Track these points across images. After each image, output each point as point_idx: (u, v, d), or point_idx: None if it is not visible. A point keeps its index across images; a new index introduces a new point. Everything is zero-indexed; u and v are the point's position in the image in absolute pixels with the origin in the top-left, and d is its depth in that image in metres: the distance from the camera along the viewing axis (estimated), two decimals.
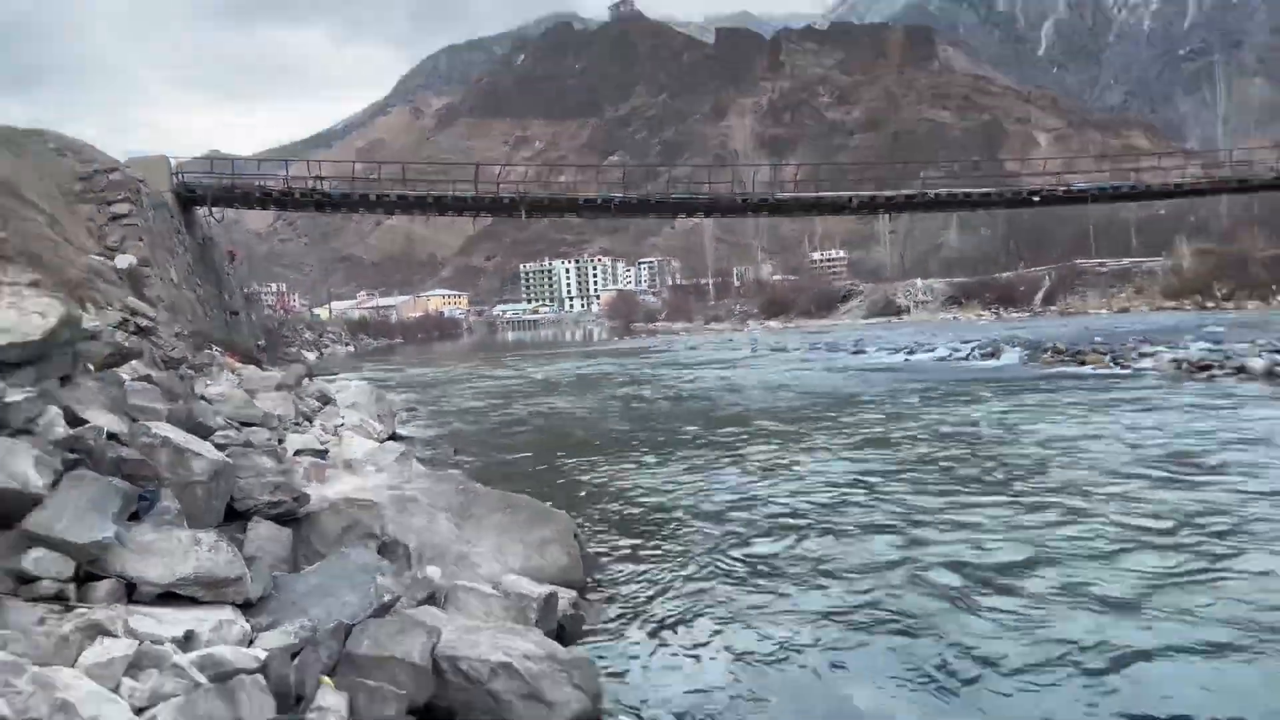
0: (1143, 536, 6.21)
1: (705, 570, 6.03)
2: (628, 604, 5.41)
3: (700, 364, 32.69)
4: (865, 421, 13.60)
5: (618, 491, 9.10)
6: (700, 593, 5.56)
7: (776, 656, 4.52)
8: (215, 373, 10.40)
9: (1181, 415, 12.06)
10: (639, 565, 6.24)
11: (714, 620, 5.06)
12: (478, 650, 3.63)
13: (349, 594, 3.70)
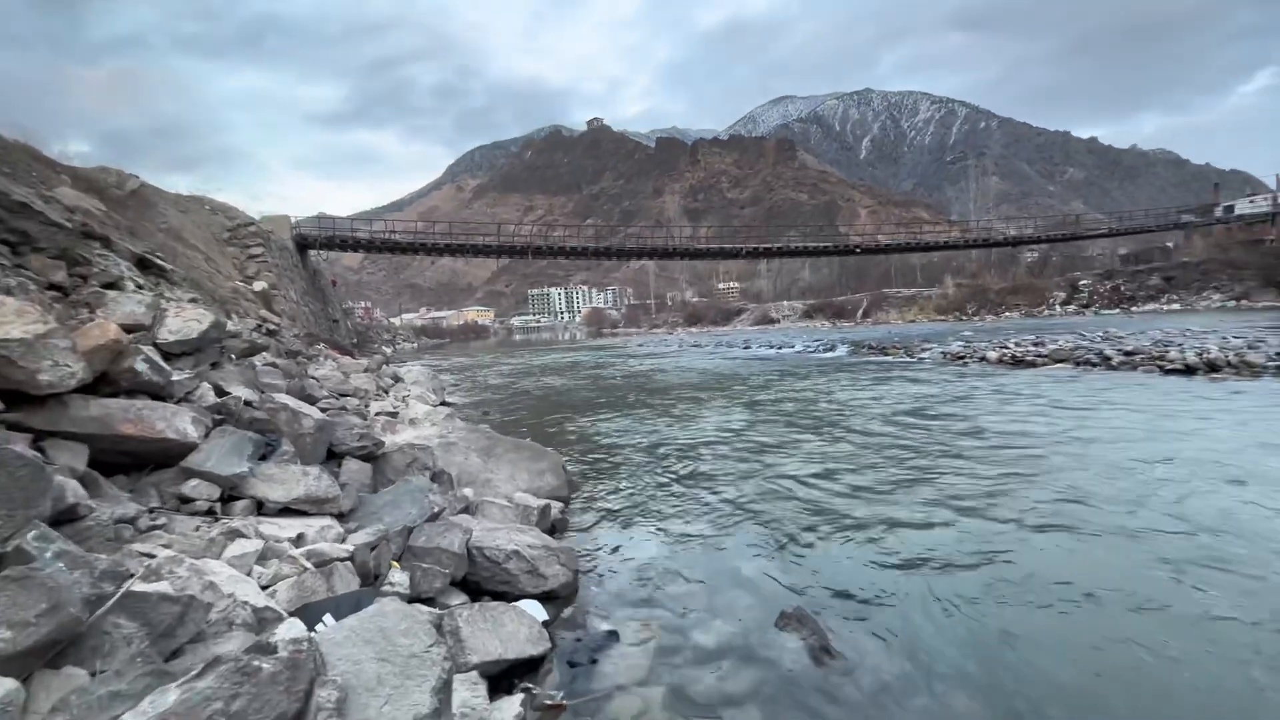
0: (895, 450, 6.43)
1: (647, 486, 6.03)
2: (598, 510, 5.37)
3: (646, 355, 32.62)
4: (746, 389, 13.74)
5: (590, 436, 9.05)
6: (645, 500, 5.56)
7: (692, 538, 4.56)
8: (321, 361, 10.05)
9: (941, 385, 12.42)
10: (605, 484, 6.20)
11: (654, 517, 5.06)
12: (496, 542, 3.57)
13: (411, 506, 3.61)
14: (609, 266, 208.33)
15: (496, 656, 2.68)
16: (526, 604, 3.28)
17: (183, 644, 1.78)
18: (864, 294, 71.99)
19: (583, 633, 3.20)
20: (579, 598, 3.64)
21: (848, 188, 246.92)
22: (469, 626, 2.71)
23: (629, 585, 3.83)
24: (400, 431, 6.05)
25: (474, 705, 2.13)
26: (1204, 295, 39.75)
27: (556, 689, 2.73)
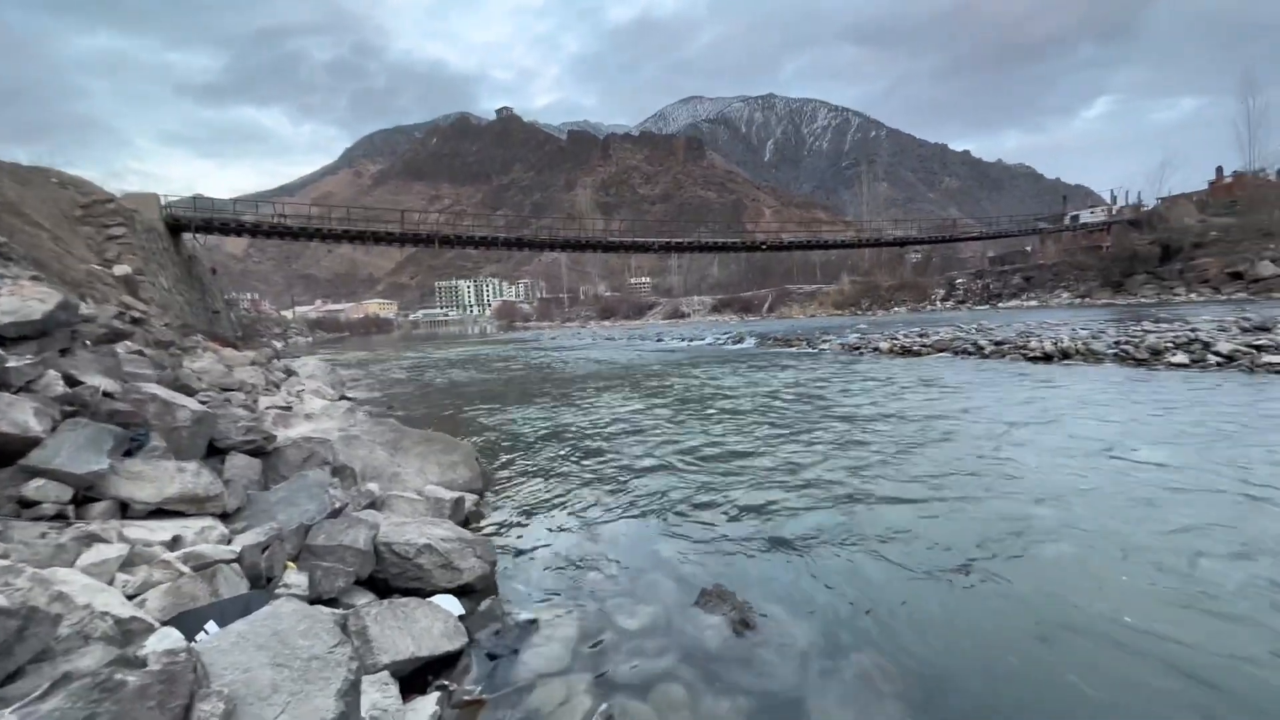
0: (803, 434, 6.76)
1: (564, 475, 5.92)
2: (514, 501, 5.20)
3: (559, 349, 32.23)
4: (660, 380, 13.89)
5: (504, 428, 8.78)
6: (561, 490, 5.45)
7: (611, 525, 4.52)
8: (199, 353, 9.05)
9: (841, 373, 13.17)
10: (521, 475, 6.03)
11: (571, 506, 4.97)
12: (406, 536, 3.35)
13: (308, 503, 3.31)
14: (520, 259, 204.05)
15: (409, 655, 2.51)
16: (441, 599, 3.10)
17: (24, 664, 1.50)
18: (769, 290, 75.12)
19: (501, 625, 3.07)
20: (497, 590, 3.50)
21: (753, 188, 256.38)
22: (377, 625, 2.51)
23: (548, 574, 3.73)
24: (295, 425, 5.54)
25: (385, 706, 1.96)
26: (1055, 293, 44.93)
27: (475, 684, 2.60)
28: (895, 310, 52.48)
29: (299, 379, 11.07)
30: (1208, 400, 7.94)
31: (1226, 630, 2.76)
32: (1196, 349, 11.36)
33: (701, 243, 35.77)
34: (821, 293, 67.02)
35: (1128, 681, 2.43)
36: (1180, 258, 39.33)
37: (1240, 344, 11.08)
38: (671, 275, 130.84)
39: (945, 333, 18.52)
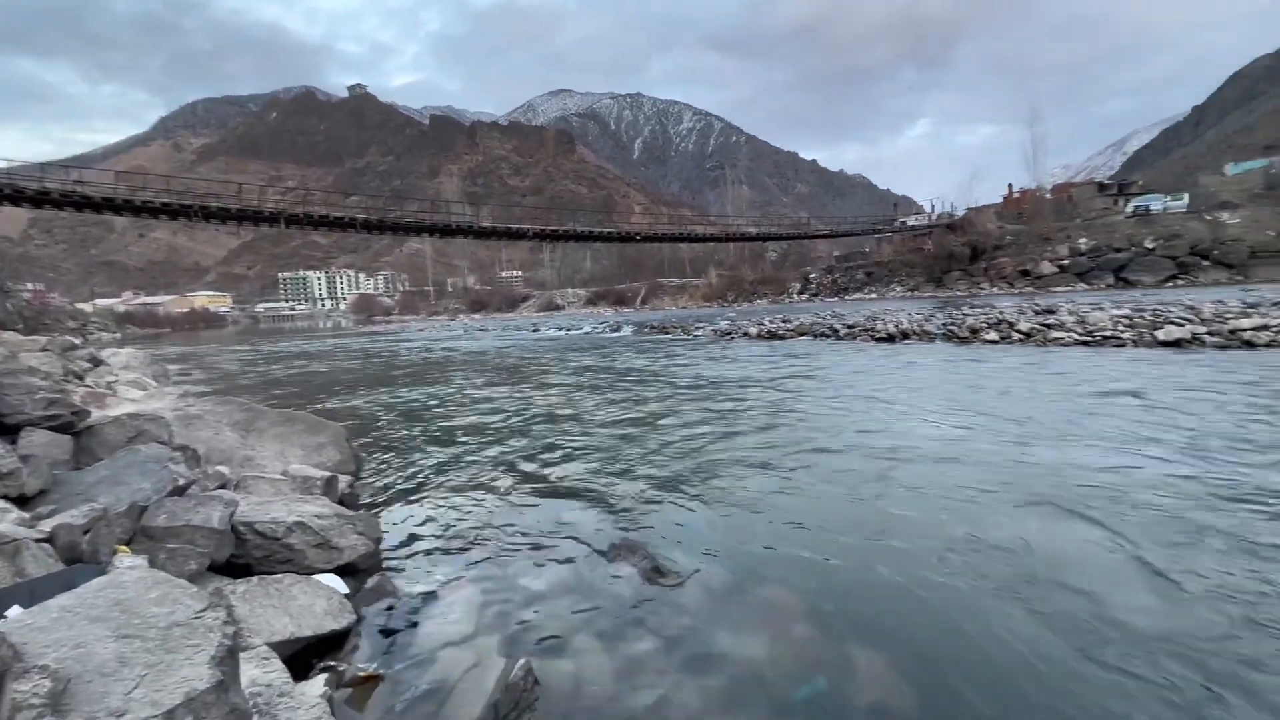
0: (684, 407, 6.99)
1: (444, 455, 5.56)
2: (396, 481, 4.78)
3: (428, 340, 30.43)
4: (539, 366, 13.62)
5: (375, 413, 8.07)
6: (447, 467, 5.11)
7: (503, 496, 4.33)
8: None
9: (716, 355, 13.79)
10: (399, 456, 5.57)
11: (459, 482, 4.68)
12: (272, 515, 2.93)
13: (142, 481, 2.76)
14: (379, 249, 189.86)
15: (288, 635, 2.17)
16: (324, 577, 2.73)
17: None
18: (642, 283, 76.67)
19: (394, 599, 2.77)
20: (386, 566, 3.16)
21: (623, 184, 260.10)
22: (246, 604, 2.14)
23: (442, 547, 3.45)
24: (114, 406, 4.64)
25: (268, 682, 1.66)
26: (891, 286, 50.69)
27: (369, 661, 2.31)
28: (758, 301, 56.01)
29: (109, 369, 9.31)
30: (1012, 366, 9.35)
31: (973, 517, 3.22)
32: (1004, 328, 13.32)
33: (577, 231, 35.34)
34: (691, 285, 69.70)
35: (953, 569, 2.74)
36: (985, 257, 46.02)
37: (1035, 324, 13.17)
38: (544, 269, 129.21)
39: (805, 319, 20.06)
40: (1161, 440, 4.82)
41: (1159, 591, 2.59)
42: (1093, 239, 41.89)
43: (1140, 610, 2.44)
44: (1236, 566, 2.74)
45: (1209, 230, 38.73)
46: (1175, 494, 3.66)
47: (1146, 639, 2.24)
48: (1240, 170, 59.59)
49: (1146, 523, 3.27)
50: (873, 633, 2.41)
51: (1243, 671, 2.05)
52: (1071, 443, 4.90)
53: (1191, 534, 3.11)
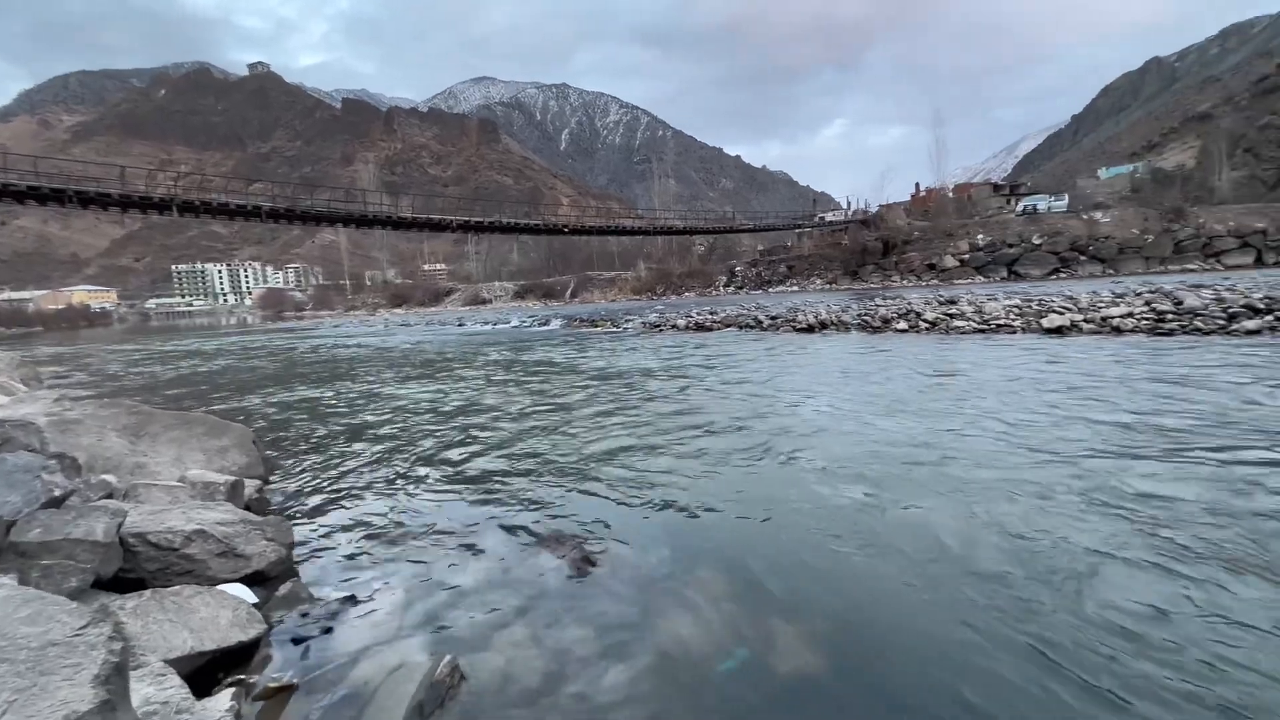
0: (613, 400, 7.06)
1: (361, 455, 5.33)
2: (309, 484, 4.53)
3: (345, 336, 28.94)
4: (462, 360, 13.26)
5: (287, 414, 7.60)
6: (360, 469, 4.90)
7: (422, 495, 4.20)
8: None
9: (646, 347, 13.92)
10: (313, 458, 5.28)
11: (373, 483, 4.50)
12: (168, 524, 2.71)
13: (8, 494, 2.48)
14: (288, 240, 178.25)
15: (189, 650, 2.02)
16: (230, 587, 2.56)
17: None
18: (571, 276, 76.07)
19: (309, 605, 2.64)
20: (300, 572, 3.00)
21: (550, 176, 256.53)
22: (139, 620, 1.98)
23: (361, 548, 3.32)
24: None
25: (165, 699, 1.55)
26: (811, 279, 52.87)
27: (281, 671, 2.20)
28: (686, 294, 56.90)
29: None
30: (918, 353, 10.01)
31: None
32: (912, 318, 14.20)
33: (504, 223, 34.27)
34: (621, 279, 69.85)
35: (853, 539, 2.94)
36: (896, 252, 48.82)
37: (940, 314, 14.12)
38: (469, 262, 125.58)
39: (731, 311, 20.58)
40: (1001, 413, 5.31)
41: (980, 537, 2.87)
42: (989, 235, 45.34)
43: (987, 557, 2.70)
44: (1044, 515, 3.08)
45: (1085, 228, 42.82)
46: (997, 457, 4.05)
47: (993, 582, 2.48)
48: (1110, 175, 66.22)
49: (986, 484, 3.60)
50: (790, 603, 2.54)
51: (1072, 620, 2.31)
52: (940, 417, 5.32)
53: (1016, 492, 3.46)
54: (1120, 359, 8.08)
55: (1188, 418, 4.92)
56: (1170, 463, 3.90)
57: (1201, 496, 3.33)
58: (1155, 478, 3.66)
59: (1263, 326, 9.41)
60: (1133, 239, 40.78)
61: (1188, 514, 3.13)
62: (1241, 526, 2.95)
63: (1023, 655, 2.11)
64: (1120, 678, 1.96)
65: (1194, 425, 4.69)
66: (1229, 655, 2.04)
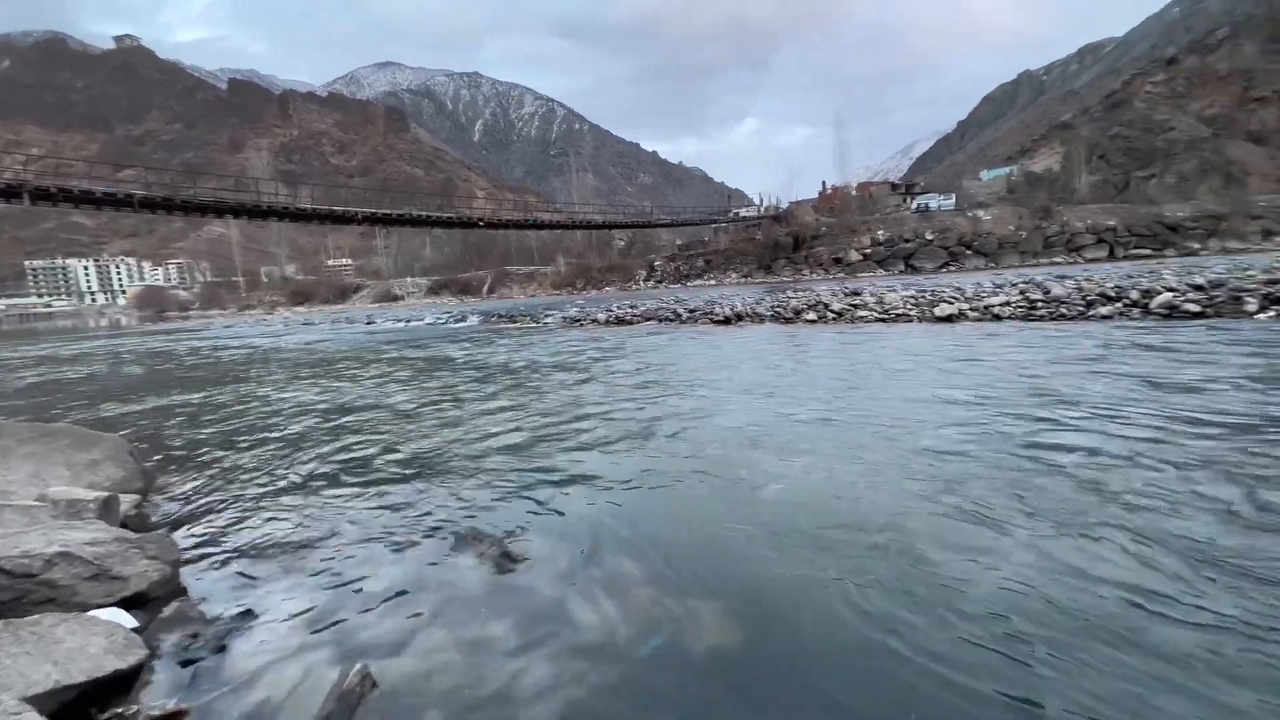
0: (530, 394, 7.02)
1: (250, 462, 4.98)
2: (195, 496, 4.17)
3: (238, 336, 26.74)
4: (370, 359, 12.64)
5: (168, 422, 6.93)
6: (250, 478, 4.57)
7: (325, 501, 3.99)
8: None
9: (567, 342, 13.84)
10: (200, 469, 4.86)
11: (263, 492, 4.22)
12: (24, 546, 2.43)
13: None
14: (168, 234, 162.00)
15: (52, 685, 1.81)
16: (104, 612, 2.31)
17: None
18: (488, 271, 74.10)
19: (200, 625, 2.43)
20: (189, 590, 2.76)
21: (464, 168, 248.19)
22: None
23: (258, 560, 3.10)
24: None
25: None
26: (728, 273, 54.49)
27: (168, 697, 2.02)
28: (606, 289, 56.96)
29: None
30: (825, 340, 10.58)
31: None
32: (820, 309, 14.96)
33: (415, 216, 32.72)
34: (540, 274, 68.88)
35: (761, 517, 3.10)
36: (806, 247, 51.18)
37: (845, 305, 14.96)
38: (379, 257, 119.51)
39: (651, 305, 20.84)
40: (886, 392, 5.77)
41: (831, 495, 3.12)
42: (888, 231, 48.48)
43: (843, 509, 2.93)
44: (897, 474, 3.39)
45: (971, 225, 46.71)
46: (876, 431, 4.42)
47: (857, 532, 2.70)
48: (990, 177, 72.49)
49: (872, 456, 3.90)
50: (703, 583, 2.62)
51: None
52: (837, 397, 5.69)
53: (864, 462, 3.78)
54: (997, 343, 8.90)
55: (1017, 391, 5.50)
56: (976, 427, 4.34)
57: (997, 450, 3.74)
58: (970, 440, 4.07)
59: (1114, 312, 10.67)
60: (1010, 235, 44.93)
61: (976, 470, 3.50)
62: (1016, 475, 3.34)
63: (890, 599, 2.29)
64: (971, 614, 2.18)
65: (1020, 398, 5.25)
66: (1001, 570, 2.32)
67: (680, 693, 1.99)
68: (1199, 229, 41.87)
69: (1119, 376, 6.00)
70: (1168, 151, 73.21)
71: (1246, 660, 1.88)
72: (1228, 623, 2.07)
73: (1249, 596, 2.21)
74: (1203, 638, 2.01)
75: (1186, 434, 4.06)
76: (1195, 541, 2.64)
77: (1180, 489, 3.19)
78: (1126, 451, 3.80)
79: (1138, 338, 8.39)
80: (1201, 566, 2.44)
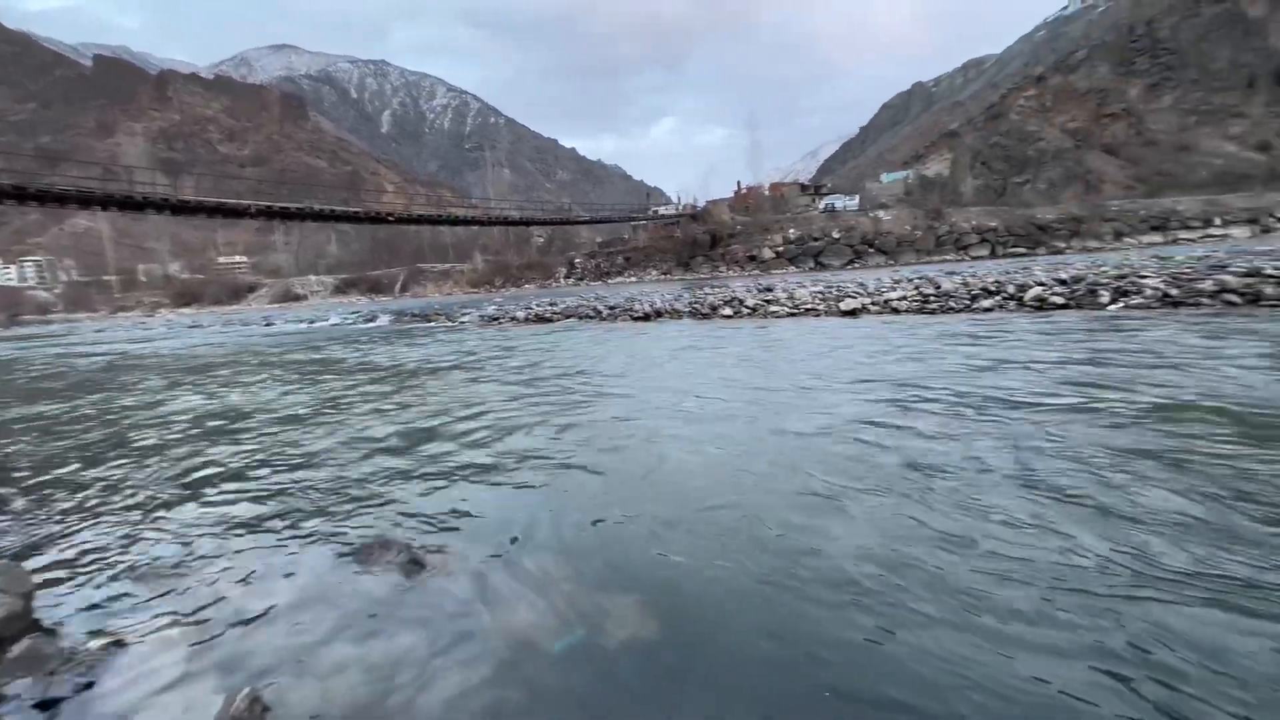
0: (440, 396, 6.82)
1: (116, 481, 4.53)
2: (46, 520, 3.73)
3: (108, 341, 24.07)
4: (263, 363, 11.79)
5: (14, 438, 6.14)
6: (114, 497, 4.17)
7: (204, 517, 3.69)
8: None
9: (479, 338, 13.50)
10: (53, 489, 4.36)
11: (133, 510, 3.86)
12: None
13: None
14: (22, 228, 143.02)
15: None
16: None
17: None
18: (400, 269, 70.85)
19: (59, 662, 2.18)
20: (45, 624, 2.45)
21: (372, 160, 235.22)
22: None
23: (128, 586, 2.82)
24: None
25: None
26: (648, 270, 55.08)
27: None
28: (526, 286, 56.04)
29: None
30: (740, 335, 10.94)
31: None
32: (736, 305, 15.43)
33: (316, 211, 30.58)
34: (456, 271, 66.69)
35: (668, 505, 3.20)
36: (722, 244, 52.60)
37: (759, 300, 15.51)
38: (278, 253, 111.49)
39: (571, 302, 20.69)
40: (792, 378, 6.11)
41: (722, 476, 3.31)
42: (799, 230, 50.71)
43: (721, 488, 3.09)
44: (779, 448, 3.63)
45: (872, 225, 49.72)
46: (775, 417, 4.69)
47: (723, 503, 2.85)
48: (889, 180, 77.49)
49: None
50: (617, 573, 2.65)
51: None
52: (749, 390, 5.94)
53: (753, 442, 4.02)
54: (894, 334, 9.55)
55: (895, 381, 5.96)
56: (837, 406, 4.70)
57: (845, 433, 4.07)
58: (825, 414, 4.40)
59: (994, 305, 11.70)
60: (907, 234, 48.23)
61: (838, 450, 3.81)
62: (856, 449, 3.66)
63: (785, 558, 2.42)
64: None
65: (894, 387, 5.70)
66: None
67: (595, 686, 1.99)
68: (1064, 230, 46.75)
69: (984, 369, 6.60)
70: (1038, 160, 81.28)
71: (1019, 578, 2.13)
72: (1007, 558, 2.33)
73: (1026, 541, 2.50)
74: (988, 565, 2.25)
75: (1010, 416, 4.53)
76: (977, 501, 2.97)
77: (994, 462, 3.56)
78: (964, 431, 4.20)
79: (1009, 327, 9.26)
80: (972, 521, 2.74)
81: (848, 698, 1.83)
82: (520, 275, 60.18)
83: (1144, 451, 3.57)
